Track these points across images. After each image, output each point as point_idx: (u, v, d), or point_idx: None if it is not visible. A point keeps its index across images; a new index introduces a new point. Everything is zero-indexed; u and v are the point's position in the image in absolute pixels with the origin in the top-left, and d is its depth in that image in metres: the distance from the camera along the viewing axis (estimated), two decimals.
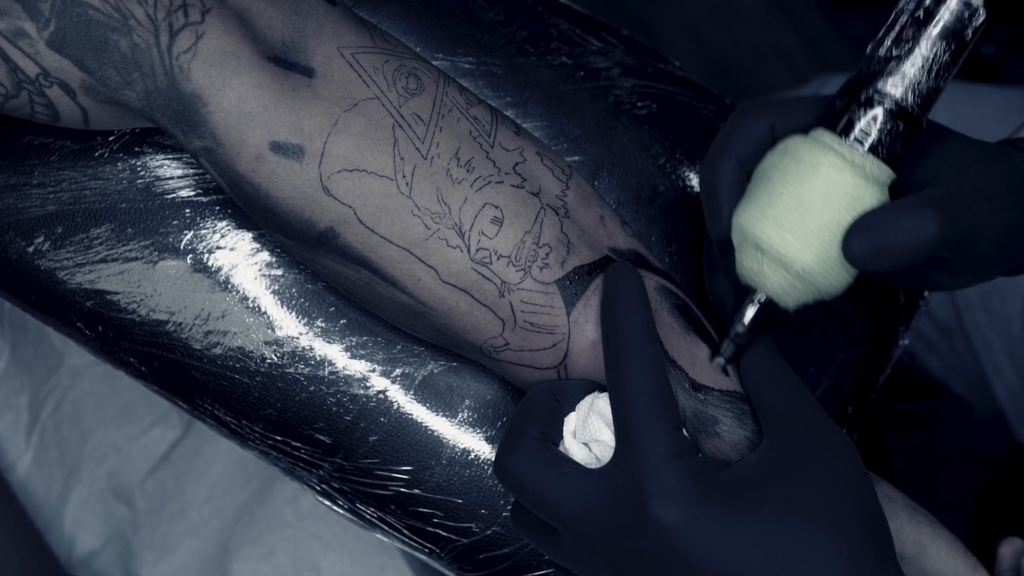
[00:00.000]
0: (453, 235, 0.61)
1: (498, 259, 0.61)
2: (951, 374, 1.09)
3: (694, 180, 0.76)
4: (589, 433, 0.60)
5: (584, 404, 0.61)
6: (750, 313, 0.62)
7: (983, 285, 0.99)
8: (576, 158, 0.74)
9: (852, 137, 0.59)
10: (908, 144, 0.60)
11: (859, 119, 0.60)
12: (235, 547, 0.97)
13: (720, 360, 0.62)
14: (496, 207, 0.61)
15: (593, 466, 0.59)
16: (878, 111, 0.59)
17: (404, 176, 0.60)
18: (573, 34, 0.77)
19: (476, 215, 0.61)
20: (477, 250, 0.61)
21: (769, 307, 0.62)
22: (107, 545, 0.98)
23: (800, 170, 0.59)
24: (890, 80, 0.59)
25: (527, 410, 0.60)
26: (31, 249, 0.68)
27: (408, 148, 0.61)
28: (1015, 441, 1.04)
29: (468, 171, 0.61)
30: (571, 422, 0.61)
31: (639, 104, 0.76)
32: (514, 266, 0.61)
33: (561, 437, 0.61)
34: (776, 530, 0.53)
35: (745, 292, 0.62)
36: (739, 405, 0.62)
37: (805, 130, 0.62)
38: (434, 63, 0.69)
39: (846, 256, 0.58)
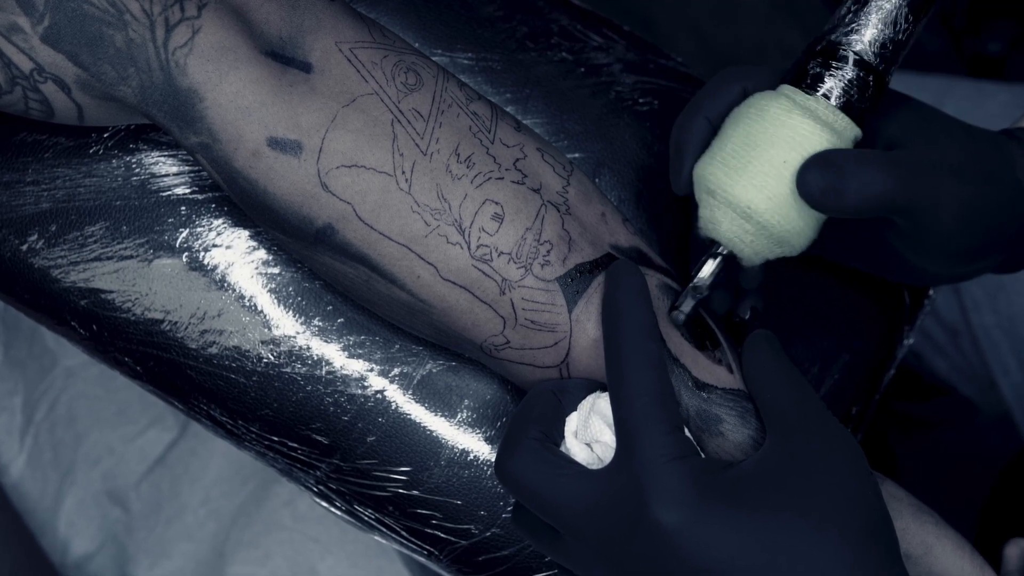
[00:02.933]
0: (453, 232, 0.60)
1: (499, 256, 0.61)
2: (958, 375, 1.09)
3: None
4: (590, 434, 0.59)
5: (585, 404, 0.61)
6: (709, 267, 0.62)
7: (991, 284, 0.99)
8: (577, 155, 0.74)
9: (818, 94, 0.60)
10: (872, 99, 0.61)
11: (819, 73, 0.60)
12: (231, 550, 0.97)
13: (679, 315, 0.62)
14: (497, 203, 0.61)
15: (595, 467, 0.59)
16: (837, 64, 0.60)
17: (403, 172, 0.60)
18: (574, 30, 0.77)
19: (476, 211, 0.61)
20: (477, 247, 0.61)
21: (730, 260, 0.62)
22: (102, 548, 0.98)
23: (750, 114, 0.60)
24: (849, 33, 0.60)
25: (528, 410, 0.60)
26: (25, 247, 0.68)
27: (407, 144, 0.60)
28: (1022, 442, 1.03)
29: (468, 167, 0.61)
30: (572, 422, 0.61)
31: (640, 100, 0.76)
32: (515, 263, 0.61)
33: (562, 437, 0.60)
34: (779, 532, 0.53)
35: (706, 247, 0.63)
36: (743, 403, 0.62)
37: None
38: (433, 59, 0.69)
39: (800, 189, 0.59)
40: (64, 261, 0.68)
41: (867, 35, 0.60)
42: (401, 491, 0.69)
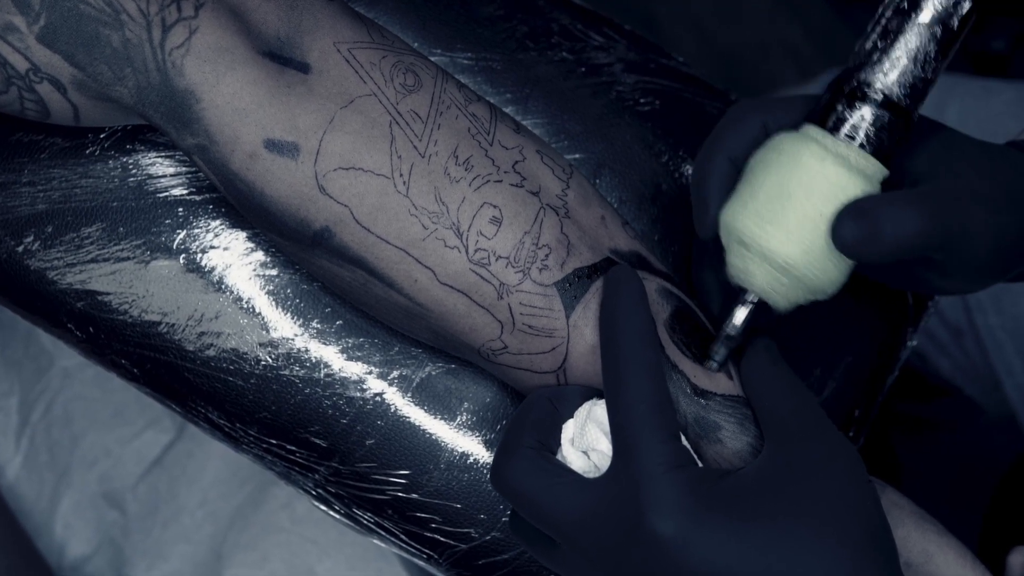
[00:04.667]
0: (451, 235, 0.60)
1: (497, 260, 0.61)
2: (961, 376, 1.09)
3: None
4: (587, 441, 0.59)
5: (582, 412, 0.60)
6: (741, 314, 0.61)
7: (995, 285, 0.99)
8: (577, 156, 0.74)
9: (842, 133, 0.59)
10: (899, 138, 0.60)
11: (846, 113, 0.59)
12: (229, 553, 0.97)
13: (712, 364, 0.62)
14: (495, 207, 0.61)
15: (591, 475, 0.58)
16: (865, 104, 0.59)
17: (401, 175, 0.60)
18: (574, 29, 0.77)
19: (474, 215, 0.61)
20: (475, 251, 0.60)
21: (761, 308, 0.61)
22: (98, 551, 0.99)
23: (781, 161, 0.59)
24: (876, 72, 0.59)
25: (524, 417, 0.60)
26: (20, 249, 0.68)
27: (405, 146, 0.60)
28: None
29: (466, 169, 0.61)
30: (569, 430, 0.61)
31: (642, 100, 0.76)
32: (513, 267, 0.61)
33: (559, 445, 0.60)
34: (777, 542, 0.53)
35: (736, 293, 0.62)
36: (741, 410, 0.62)
37: (797, 127, 0.61)
38: (432, 59, 0.69)
39: (835, 242, 0.58)
40: (60, 263, 0.67)
41: (893, 75, 0.59)
42: (400, 494, 0.69)
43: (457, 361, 0.69)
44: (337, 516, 0.72)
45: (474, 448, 0.69)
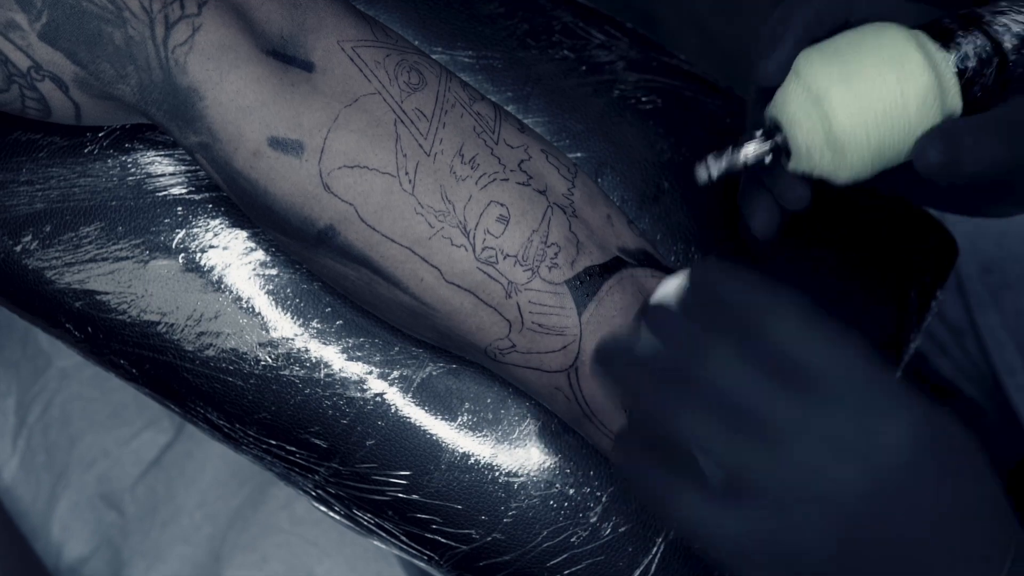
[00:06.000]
0: (457, 234, 0.60)
1: (504, 258, 0.61)
2: (962, 376, 1.09)
3: (700, 176, 0.75)
4: None
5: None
6: (758, 145, 0.60)
7: (995, 283, 0.99)
8: (579, 154, 0.74)
9: (951, 55, 0.59)
10: (991, 85, 0.59)
11: (963, 44, 0.59)
12: (228, 554, 0.98)
13: (703, 170, 0.60)
14: (502, 205, 0.61)
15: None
16: (978, 39, 0.59)
17: (407, 173, 0.60)
18: (576, 27, 0.77)
19: (481, 213, 0.60)
20: (483, 249, 0.60)
21: (776, 152, 0.60)
22: (96, 552, 0.99)
23: (883, 50, 0.58)
24: (1004, 17, 0.59)
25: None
26: (19, 248, 0.67)
27: (411, 144, 0.60)
28: None
29: (472, 168, 0.61)
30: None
31: (643, 99, 0.76)
32: (521, 266, 0.61)
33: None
34: None
35: (761, 126, 0.61)
36: None
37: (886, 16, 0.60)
38: (433, 57, 0.69)
39: (918, 162, 0.57)
40: (59, 262, 0.67)
41: (1016, 27, 0.59)
42: (401, 495, 0.69)
43: (458, 361, 0.69)
44: (337, 517, 0.72)
45: (475, 449, 0.69)
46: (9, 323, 0.98)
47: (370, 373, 0.68)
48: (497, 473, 0.68)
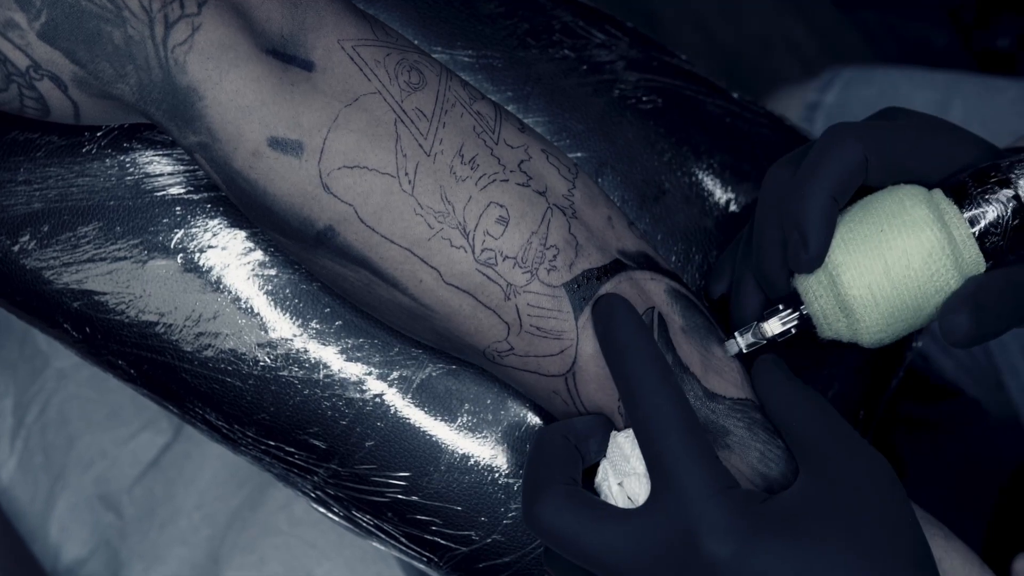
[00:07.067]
0: (457, 235, 0.60)
1: (504, 260, 0.60)
2: (965, 376, 1.09)
3: (700, 176, 0.76)
4: (619, 472, 0.59)
5: (610, 443, 0.60)
6: (782, 321, 0.62)
7: None
8: (579, 154, 0.73)
9: (969, 216, 0.59)
10: (1010, 243, 0.60)
11: (978, 199, 0.59)
12: (226, 555, 0.98)
13: (733, 345, 0.62)
14: (501, 206, 0.61)
15: (625, 506, 0.58)
16: (1000, 198, 0.59)
17: (407, 173, 0.59)
18: (576, 26, 0.77)
19: (481, 214, 0.60)
20: (482, 250, 0.60)
21: (804, 324, 0.62)
22: (94, 553, 0.99)
23: (905, 228, 0.59)
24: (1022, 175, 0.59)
25: (542, 455, 0.59)
26: (16, 248, 0.67)
27: (411, 144, 0.60)
28: None
29: (472, 168, 0.61)
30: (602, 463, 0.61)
31: (644, 99, 0.76)
32: (520, 268, 0.60)
33: (579, 480, 0.60)
34: (831, 561, 0.53)
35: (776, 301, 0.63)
36: (750, 414, 0.62)
37: (902, 168, 0.61)
38: (433, 57, 0.68)
39: (944, 334, 0.59)
40: (56, 262, 0.67)
41: None
42: (400, 496, 0.69)
43: (458, 362, 0.69)
44: (336, 518, 0.72)
45: (475, 450, 0.69)
46: (7, 323, 0.98)
47: (369, 374, 0.68)
48: (497, 474, 0.68)
